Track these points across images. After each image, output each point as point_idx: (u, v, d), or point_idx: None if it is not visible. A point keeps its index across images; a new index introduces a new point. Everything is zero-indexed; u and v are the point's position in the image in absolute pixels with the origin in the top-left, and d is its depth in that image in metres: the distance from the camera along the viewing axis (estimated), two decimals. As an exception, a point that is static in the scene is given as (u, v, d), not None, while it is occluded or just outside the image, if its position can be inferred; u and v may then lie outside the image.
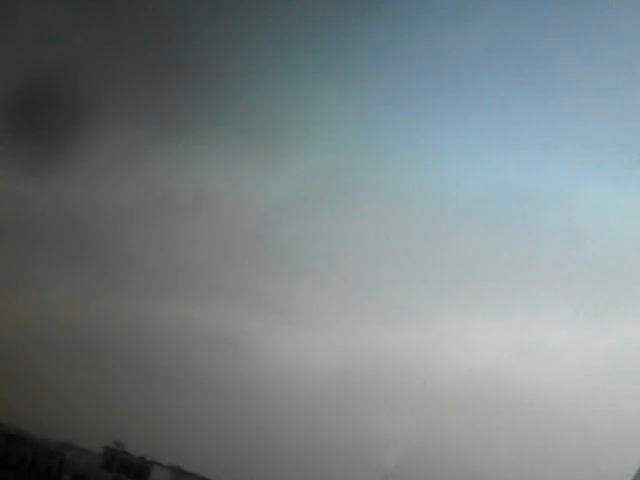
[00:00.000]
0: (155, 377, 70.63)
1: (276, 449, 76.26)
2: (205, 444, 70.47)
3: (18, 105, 55.76)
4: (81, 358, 66.96)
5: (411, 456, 74.49)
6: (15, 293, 65.78)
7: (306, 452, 76.21)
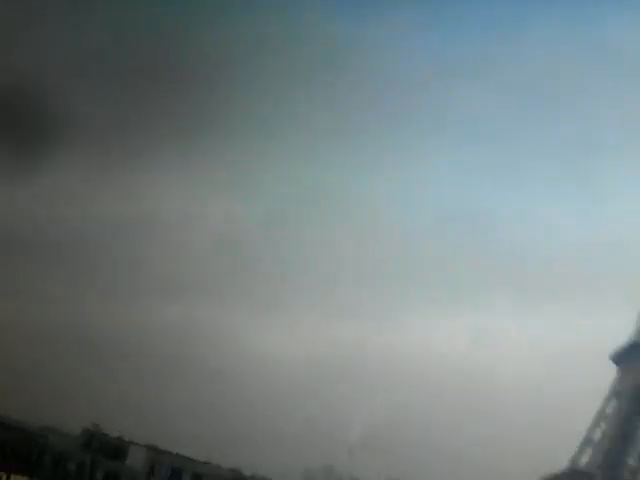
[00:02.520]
0: (134, 364, 73.35)
1: (251, 427, 79.82)
2: (181, 425, 73.97)
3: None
4: (61, 348, 69.67)
5: (374, 431, 77.95)
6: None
7: (279, 429, 79.73)
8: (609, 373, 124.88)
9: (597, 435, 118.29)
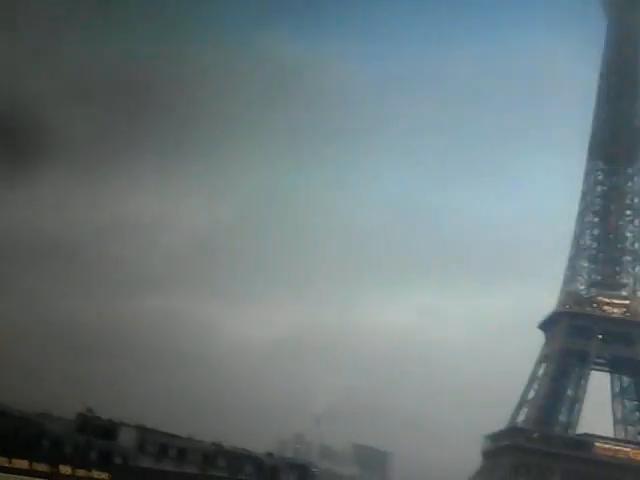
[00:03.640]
0: (119, 355, 78.38)
1: (227, 404, 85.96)
2: (166, 405, 79.37)
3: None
4: (53, 345, 74.06)
5: (338, 403, 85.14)
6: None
7: (253, 404, 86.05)
8: (538, 340, 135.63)
9: (531, 395, 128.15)
